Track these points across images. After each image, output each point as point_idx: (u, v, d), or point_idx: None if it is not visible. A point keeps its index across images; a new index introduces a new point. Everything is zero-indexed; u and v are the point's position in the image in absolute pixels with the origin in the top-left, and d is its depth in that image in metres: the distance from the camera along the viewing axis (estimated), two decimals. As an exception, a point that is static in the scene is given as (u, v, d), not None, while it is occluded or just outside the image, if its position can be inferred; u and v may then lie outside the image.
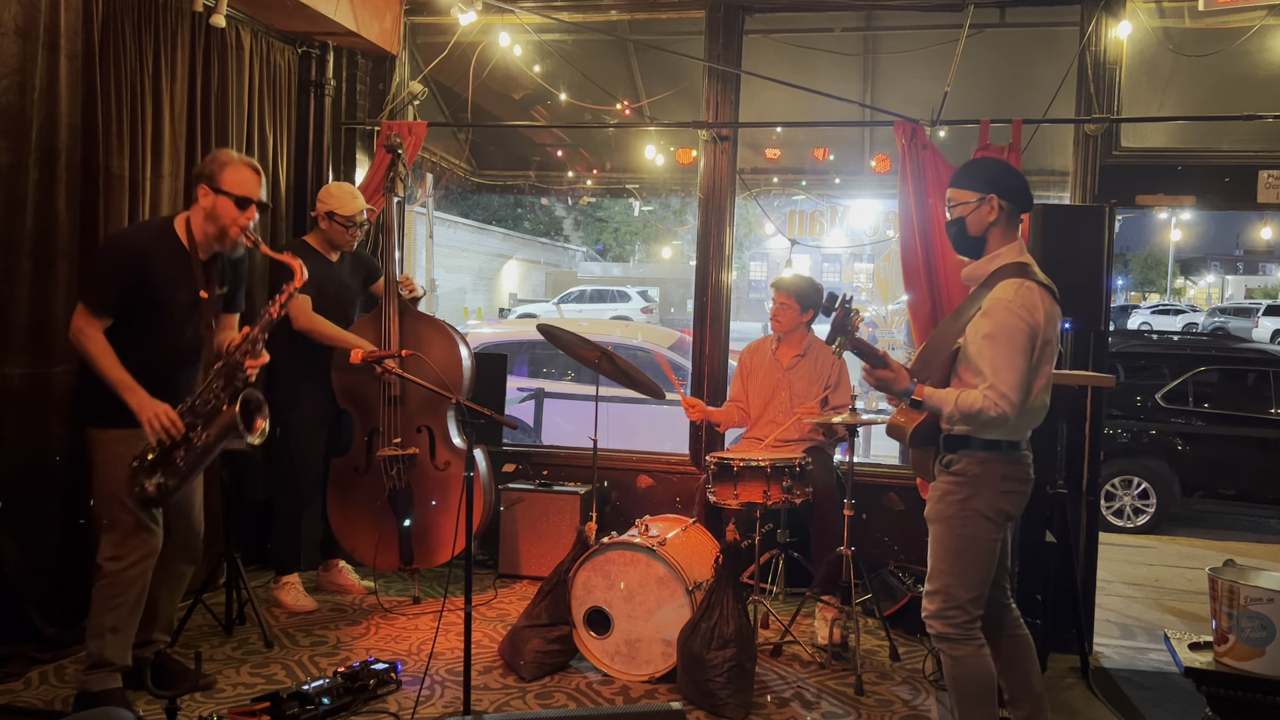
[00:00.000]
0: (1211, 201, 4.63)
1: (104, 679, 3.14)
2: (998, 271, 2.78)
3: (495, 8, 5.08)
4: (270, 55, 4.88)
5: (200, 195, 3.20)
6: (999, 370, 2.64)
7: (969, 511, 2.76)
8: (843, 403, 4.49)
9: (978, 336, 2.71)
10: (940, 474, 2.85)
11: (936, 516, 2.83)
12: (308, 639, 4.04)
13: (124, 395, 3.07)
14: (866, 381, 2.84)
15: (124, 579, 3.13)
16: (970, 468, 2.77)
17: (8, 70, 3.54)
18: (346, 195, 4.41)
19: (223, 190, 3.17)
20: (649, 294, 26.58)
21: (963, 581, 2.76)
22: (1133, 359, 7.90)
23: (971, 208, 2.83)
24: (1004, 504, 2.78)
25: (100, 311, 3.11)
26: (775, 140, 6.33)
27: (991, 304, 2.70)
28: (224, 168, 3.19)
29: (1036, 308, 2.68)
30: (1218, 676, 2.88)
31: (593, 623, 3.75)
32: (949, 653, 2.80)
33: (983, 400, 2.63)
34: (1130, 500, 7.49)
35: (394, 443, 4.38)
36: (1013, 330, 2.65)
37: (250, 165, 3.24)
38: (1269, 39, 4.74)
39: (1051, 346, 2.76)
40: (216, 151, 3.35)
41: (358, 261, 4.64)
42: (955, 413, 2.68)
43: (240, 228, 3.21)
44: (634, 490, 5.16)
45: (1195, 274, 47.46)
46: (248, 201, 3.20)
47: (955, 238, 2.92)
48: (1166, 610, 5.34)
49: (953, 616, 2.77)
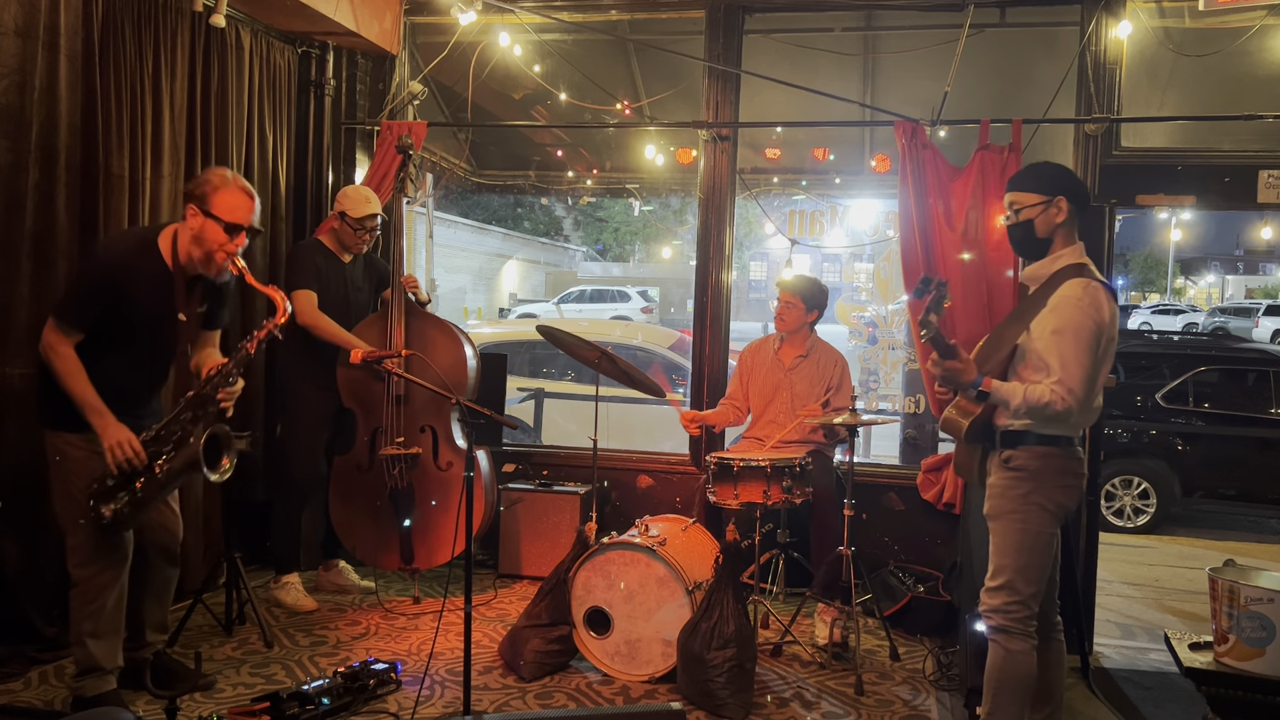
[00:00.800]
0: (1211, 201, 4.63)
1: (96, 683, 3.14)
2: (1061, 272, 2.84)
3: (495, 8, 5.08)
4: (270, 55, 4.88)
5: (189, 215, 3.05)
6: (1067, 365, 2.70)
7: (1031, 505, 2.81)
8: (844, 404, 4.49)
9: (1045, 332, 2.76)
10: (999, 470, 2.89)
11: (999, 513, 2.88)
12: (308, 639, 4.04)
13: (90, 417, 2.98)
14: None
15: (95, 585, 3.10)
16: (1030, 462, 2.82)
17: (8, 70, 3.55)
18: (359, 198, 4.40)
19: (212, 214, 3.01)
20: (649, 294, 26.57)
21: (1025, 576, 2.82)
22: (1133, 359, 7.90)
23: (1039, 210, 2.87)
24: (1063, 498, 2.84)
25: (71, 328, 3.01)
26: (775, 140, 6.33)
27: (1060, 301, 2.76)
28: (216, 190, 3.03)
29: (1103, 306, 2.75)
30: (1218, 676, 2.88)
31: (593, 623, 3.75)
32: (1005, 645, 2.84)
33: (1050, 394, 2.69)
34: (1130, 500, 7.49)
35: (397, 442, 4.38)
36: (1080, 327, 2.71)
37: (244, 190, 3.08)
38: (1269, 39, 4.74)
39: (1113, 344, 2.82)
40: (210, 171, 3.17)
41: (371, 265, 4.64)
42: (1023, 405, 2.73)
43: (227, 254, 3.07)
44: (634, 490, 5.16)
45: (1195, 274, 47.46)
46: (238, 228, 3.05)
47: (1020, 240, 2.96)
48: (1166, 610, 5.34)
49: (1014, 611, 2.82)
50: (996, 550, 2.88)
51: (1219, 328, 24.86)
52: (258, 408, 4.83)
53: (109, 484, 3.01)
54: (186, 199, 3.09)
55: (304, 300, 4.28)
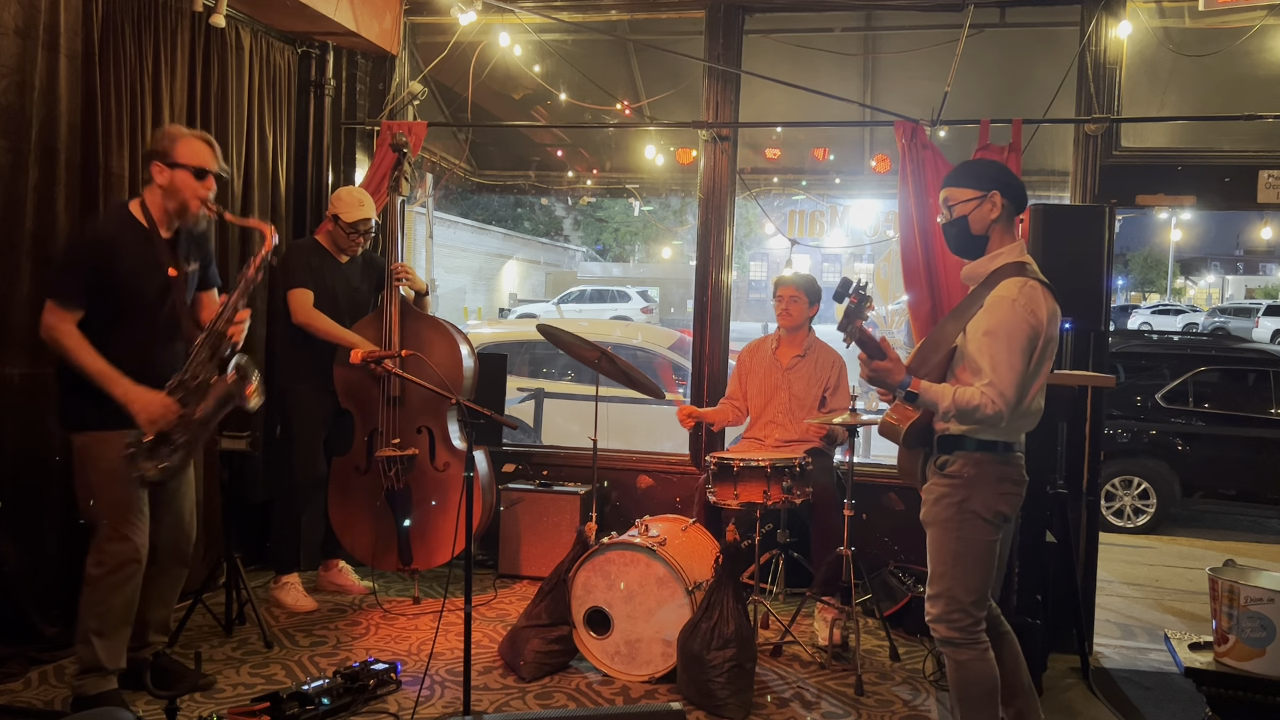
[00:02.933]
0: (1211, 201, 4.63)
1: (98, 682, 3.14)
2: (999, 270, 2.76)
3: (495, 8, 5.08)
4: (270, 55, 4.88)
5: (155, 173, 3.16)
6: (998, 368, 2.62)
7: (966, 513, 2.74)
8: (842, 404, 4.49)
9: (978, 333, 2.68)
10: (934, 476, 2.83)
11: (933, 520, 2.81)
12: (308, 639, 4.04)
13: (108, 387, 3.03)
14: (861, 375, 2.81)
15: (105, 585, 3.11)
16: (965, 469, 2.75)
17: (8, 70, 3.54)
18: (352, 202, 4.40)
19: (179, 164, 3.14)
20: (649, 294, 26.56)
21: (964, 584, 2.74)
22: (1133, 359, 7.90)
23: (973, 206, 2.79)
24: (1000, 505, 2.76)
25: (70, 303, 3.05)
26: (775, 140, 6.33)
27: (994, 301, 2.68)
28: (176, 141, 3.16)
29: (1040, 306, 2.67)
30: (1218, 676, 2.88)
31: (593, 623, 3.75)
32: (953, 656, 2.78)
33: (980, 397, 2.61)
34: (1130, 500, 7.49)
35: (393, 443, 4.38)
36: (1014, 328, 2.63)
37: (202, 137, 3.22)
38: (1269, 39, 4.74)
39: (1052, 345, 2.74)
40: (165, 127, 3.31)
41: (369, 265, 4.64)
42: (951, 408, 2.65)
43: (200, 199, 3.19)
44: (634, 490, 5.16)
45: (1195, 274, 47.46)
46: (205, 172, 3.18)
47: (956, 238, 2.87)
48: (1166, 610, 5.34)
49: (956, 620, 2.75)
50: (933, 558, 2.81)
51: (1219, 328, 24.86)
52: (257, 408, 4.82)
53: (145, 440, 3.06)
54: (149, 159, 3.19)
55: (299, 299, 4.28)
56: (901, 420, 2.89)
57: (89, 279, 3.07)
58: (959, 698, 2.80)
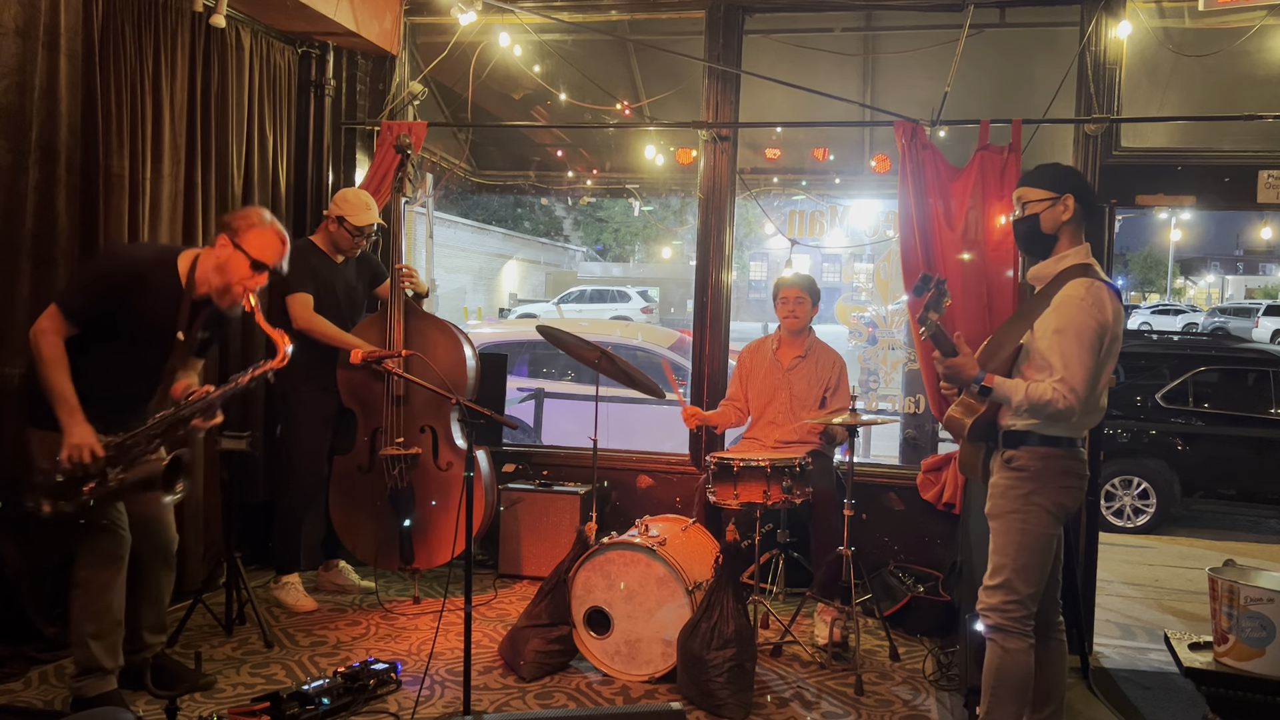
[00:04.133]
0: (1211, 201, 4.63)
1: (97, 683, 3.14)
2: (1065, 271, 2.84)
3: (495, 8, 5.08)
4: (270, 55, 4.88)
5: (219, 244, 3.12)
6: (1069, 364, 2.70)
7: (1032, 506, 2.81)
8: (842, 405, 4.49)
9: (1048, 331, 2.76)
10: (1000, 470, 2.90)
11: (999, 512, 2.88)
12: (308, 639, 4.04)
13: (60, 412, 2.96)
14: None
15: (96, 584, 3.11)
16: (1032, 463, 2.82)
17: (8, 70, 3.55)
18: (360, 205, 4.39)
19: (242, 248, 3.10)
20: (649, 294, 26.57)
21: (1024, 576, 2.82)
22: (1133, 359, 7.90)
23: (1046, 206, 2.88)
24: (1064, 499, 2.84)
25: (72, 318, 3.02)
26: (775, 140, 6.32)
27: (1063, 300, 2.76)
28: (252, 228, 3.12)
29: (1106, 306, 2.75)
30: (1218, 676, 2.89)
31: (593, 623, 3.75)
32: (1001, 644, 2.84)
33: (1052, 392, 2.68)
34: (1130, 500, 7.49)
35: (397, 442, 4.38)
36: (1083, 326, 2.71)
37: (279, 234, 3.17)
38: (1269, 39, 4.74)
39: (1117, 344, 2.82)
40: (251, 208, 3.25)
41: (363, 263, 4.64)
42: (1024, 402, 2.72)
43: (245, 289, 3.13)
44: (634, 490, 5.16)
45: (1195, 274, 47.47)
46: (263, 267, 3.13)
47: (1025, 236, 2.96)
48: (1166, 610, 5.34)
49: (1012, 610, 2.82)
50: (996, 549, 2.88)
51: (1219, 328, 24.87)
52: (258, 408, 4.83)
53: (57, 480, 2.96)
54: (221, 228, 3.15)
55: (300, 303, 4.28)
56: (967, 415, 2.94)
57: (102, 303, 3.03)
58: (994, 685, 2.86)
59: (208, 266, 3.14)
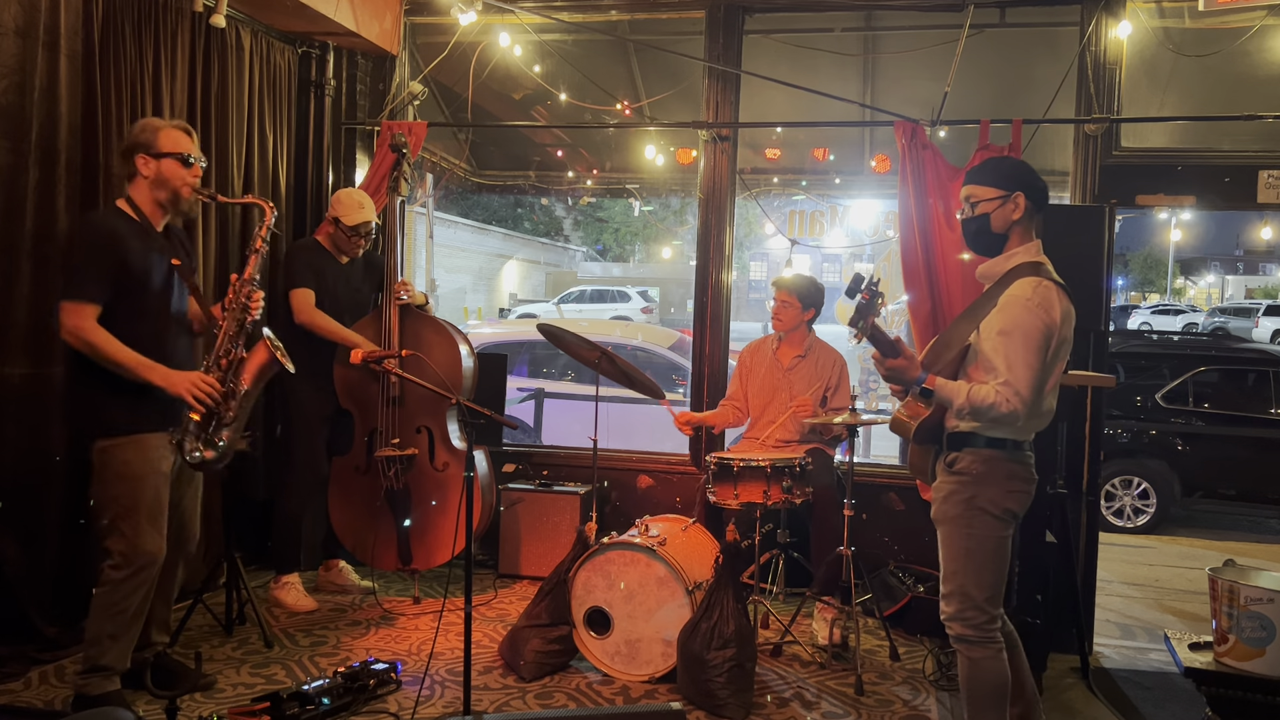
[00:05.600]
0: (1211, 201, 4.63)
1: (101, 683, 3.13)
2: (1014, 270, 2.77)
3: (495, 8, 5.08)
4: (270, 55, 4.88)
5: (140, 165, 3.17)
6: (1013, 366, 2.62)
7: (975, 510, 2.74)
8: (843, 404, 4.49)
9: (992, 333, 2.69)
10: (944, 473, 2.83)
11: (943, 518, 2.81)
12: (308, 639, 4.04)
13: (146, 375, 3.05)
14: (877, 370, 2.81)
15: (126, 587, 3.11)
16: (974, 466, 2.75)
17: (8, 70, 3.54)
18: (353, 205, 4.39)
19: (164, 153, 3.17)
20: (649, 294, 26.58)
21: (977, 581, 2.75)
22: (1133, 359, 7.90)
23: (996, 204, 2.79)
24: (1009, 503, 2.76)
25: (90, 297, 3.03)
26: (775, 140, 6.33)
27: (1008, 301, 2.69)
28: (157, 132, 3.18)
29: (1054, 306, 2.66)
30: (1218, 676, 2.89)
31: (593, 623, 3.75)
32: (966, 654, 2.79)
33: (995, 395, 2.61)
34: (1130, 500, 7.49)
35: (392, 443, 4.38)
36: (1029, 328, 2.63)
37: (180, 126, 3.26)
38: (1269, 39, 4.74)
39: (1066, 346, 2.75)
40: (141, 120, 3.35)
41: (371, 267, 4.63)
42: (966, 405, 2.65)
43: (191, 186, 3.22)
44: (634, 490, 5.16)
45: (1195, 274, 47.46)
46: (189, 159, 3.21)
47: (975, 235, 2.87)
48: (1166, 610, 5.34)
49: (971, 618, 2.76)
50: (945, 556, 2.82)
51: (1219, 328, 24.87)
52: (258, 408, 4.81)
53: (194, 423, 3.11)
54: (129, 153, 3.20)
55: (301, 299, 4.28)
56: (913, 417, 2.88)
57: (106, 269, 3.07)
58: (969, 696, 2.80)
59: (145, 193, 3.21)
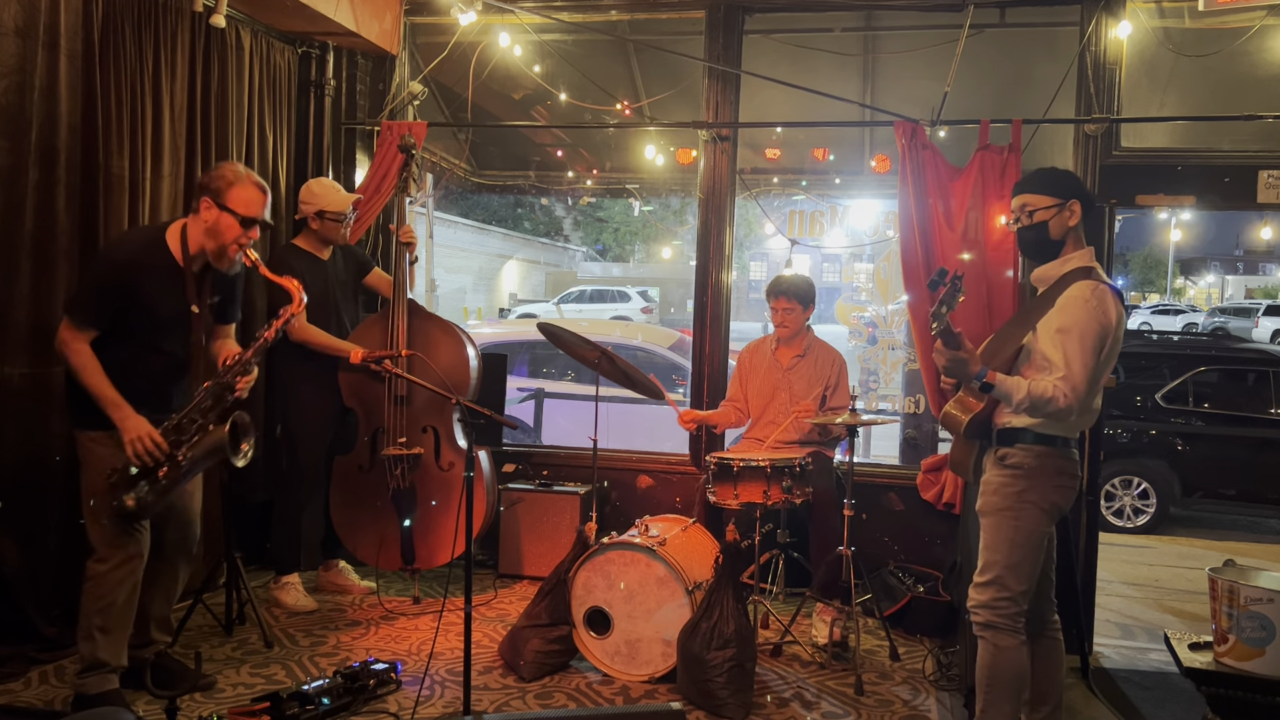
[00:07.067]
0: (1211, 201, 4.63)
1: (100, 681, 3.14)
2: (1070, 274, 2.87)
3: (495, 8, 5.08)
4: (270, 55, 4.88)
5: (202, 208, 3.13)
6: (1071, 363, 2.73)
7: (1025, 503, 2.83)
8: (842, 404, 4.49)
9: (1051, 330, 2.79)
10: (994, 467, 2.92)
11: (992, 509, 2.89)
12: (308, 639, 4.04)
13: (109, 411, 3.03)
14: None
15: (109, 580, 3.11)
16: (1026, 460, 2.85)
17: (8, 70, 3.54)
18: (332, 190, 4.40)
19: (227, 207, 3.12)
20: (649, 294, 26.58)
21: (1016, 573, 2.83)
22: (1133, 359, 7.90)
23: (1053, 212, 2.91)
24: (1056, 498, 2.86)
25: (85, 325, 3.06)
26: (775, 140, 6.32)
27: (1067, 301, 2.79)
28: (231, 185, 3.13)
29: (1110, 309, 2.78)
30: (1218, 676, 2.89)
31: (593, 623, 3.75)
32: (993, 641, 2.85)
33: (1054, 390, 2.71)
34: (1130, 500, 7.49)
35: (399, 442, 4.38)
36: (1087, 327, 2.74)
37: (259, 185, 3.19)
38: (1269, 39, 4.74)
39: (1117, 346, 2.85)
40: (224, 166, 3.25)
41: (349, 255, 4.63)
42: (1026, 399, 2.74)
43: (240, 247, 3.16)
44: (634, 490, 5.16)
45: (1195, 274, 47.47)
46: (252, 222, 3.15)
47: (1033, 242, 2.97)
48: (1166, 610, 5.34)
49: (1003, 607, 2.83)
50: (987, 546, 2.89)
51: (1219, 328, 24.86)
52: (257, 409, 4.82)
53: (131, 473, 3.05)
54: (200, 192, 3.16)
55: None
56: (964, 412, 2.96)
57: (109, 302, 3.07)
58: (989, 684, 2.86)
59: (198, 234, 3.16)
